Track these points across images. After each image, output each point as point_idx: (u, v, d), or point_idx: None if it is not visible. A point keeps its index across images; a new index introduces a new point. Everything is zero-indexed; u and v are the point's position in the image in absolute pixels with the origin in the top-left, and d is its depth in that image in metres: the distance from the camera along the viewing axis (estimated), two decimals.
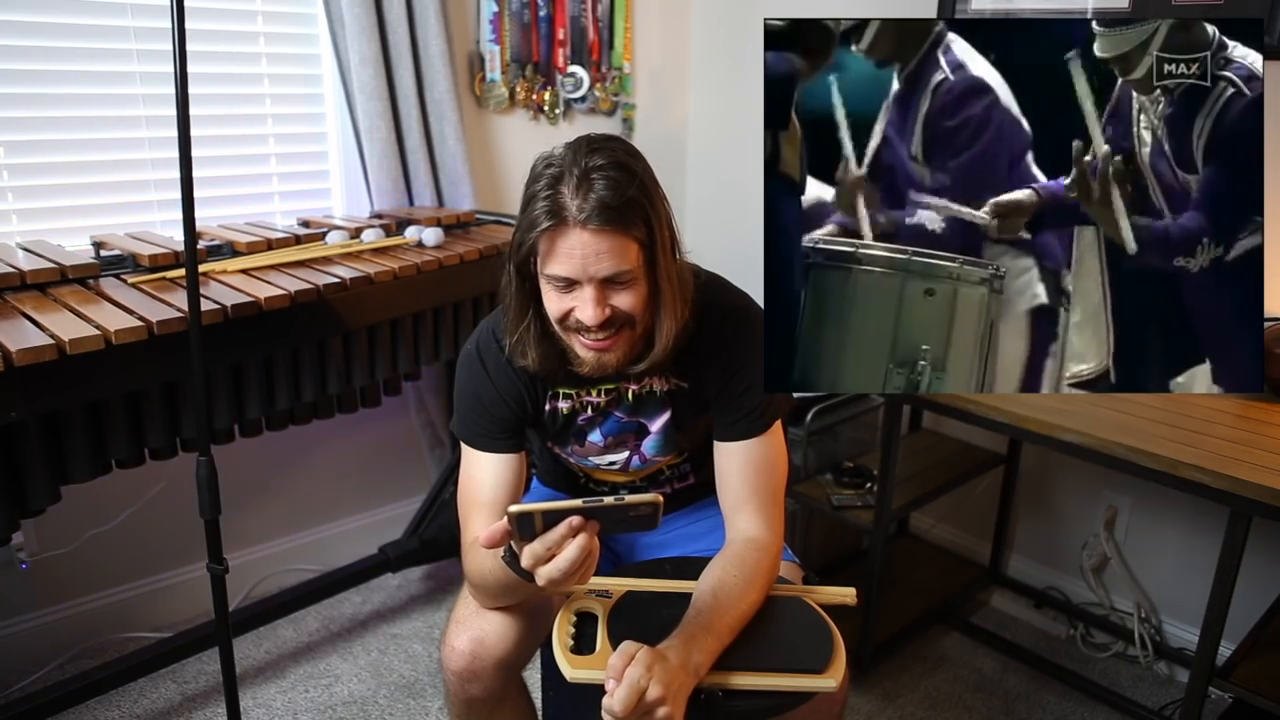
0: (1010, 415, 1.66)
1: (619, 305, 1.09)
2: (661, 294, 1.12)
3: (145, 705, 1.95)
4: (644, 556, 1.43)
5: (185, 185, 1.26)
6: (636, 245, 1.07)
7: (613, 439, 1.30)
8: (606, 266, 1.05)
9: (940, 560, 2.54)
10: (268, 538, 2.37)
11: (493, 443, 1.23)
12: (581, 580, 0.98)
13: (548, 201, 1.05)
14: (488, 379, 1.23)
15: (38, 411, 1.33)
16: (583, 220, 1.03)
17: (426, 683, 2.06)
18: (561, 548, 0.94)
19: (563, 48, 2.56)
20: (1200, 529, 2.08)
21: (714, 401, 1.24)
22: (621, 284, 1.08)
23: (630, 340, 1.14)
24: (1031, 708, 2.04)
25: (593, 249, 1.04)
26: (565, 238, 1.05)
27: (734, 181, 2.80)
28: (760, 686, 1.02)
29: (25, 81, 1.85)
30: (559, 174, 1.05)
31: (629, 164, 1.07)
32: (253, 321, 1.55)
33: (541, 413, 1.26)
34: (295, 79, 2.23)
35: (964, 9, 2.23)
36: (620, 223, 1.04)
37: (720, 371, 1.22)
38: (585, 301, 1.07)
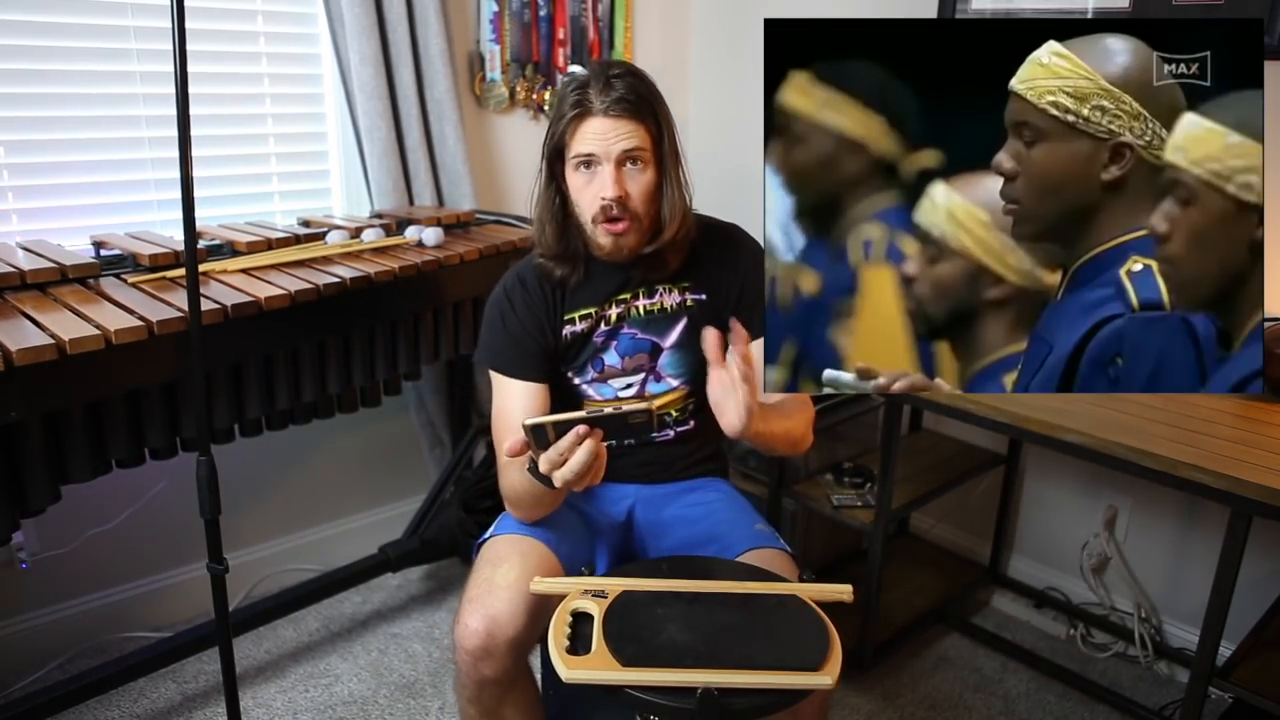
0: (1010, 415, 1.65)
1: (631, 190, 1.29)
2: (668, 185, 1.32)
3: (145, 705, 1.95)
4: (646, 537, 1.45)
5: (185, 185, 1.26)
6: (648, 133, 1.28)
7: (629, 360, 1.43)
8: (624, 144, 1.26)
9: (940, 560, 2.53)
10: (268, 538, 2.37)
11: (521, 370, 1.39)
12: (593, 480, 1.13)
13: (575, 97, 1.27)
14: (514, 313, 1.40)
15: (38, 411, 1.33)
16: (604, 109, 1.25)
17: (426, 683, 2.06)
18: (572, 452, 1.10)
19: (563, 47, 2.56)
20: (1200, 529, 2.08)
21: (730, 308, 1.40)
22: (635, 165, 1.28)
23: (640, 228, 1.33)
24: (1031, 708, 2.04)
25: (612, 131, 1.26)
26: (589, 123, 1.27)
27: (734, 181, 2.80)
28: (756, 685, 1.02)
29: (25, 81, 1.85)
30: (585, 80, 1.28)
31: (644, 76, 1.31)
32: (253, 321, 1.55)
33: (561, 339, 1.41)
34: (295, 79, 2.23)
35: (964, 9, 2.23)
36: (635, 112, 1.26)
37: (732, 279, 1.42)
38: (605, 177, 1.27)
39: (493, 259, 2.01)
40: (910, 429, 2.50)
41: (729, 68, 2.82)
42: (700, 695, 1.00)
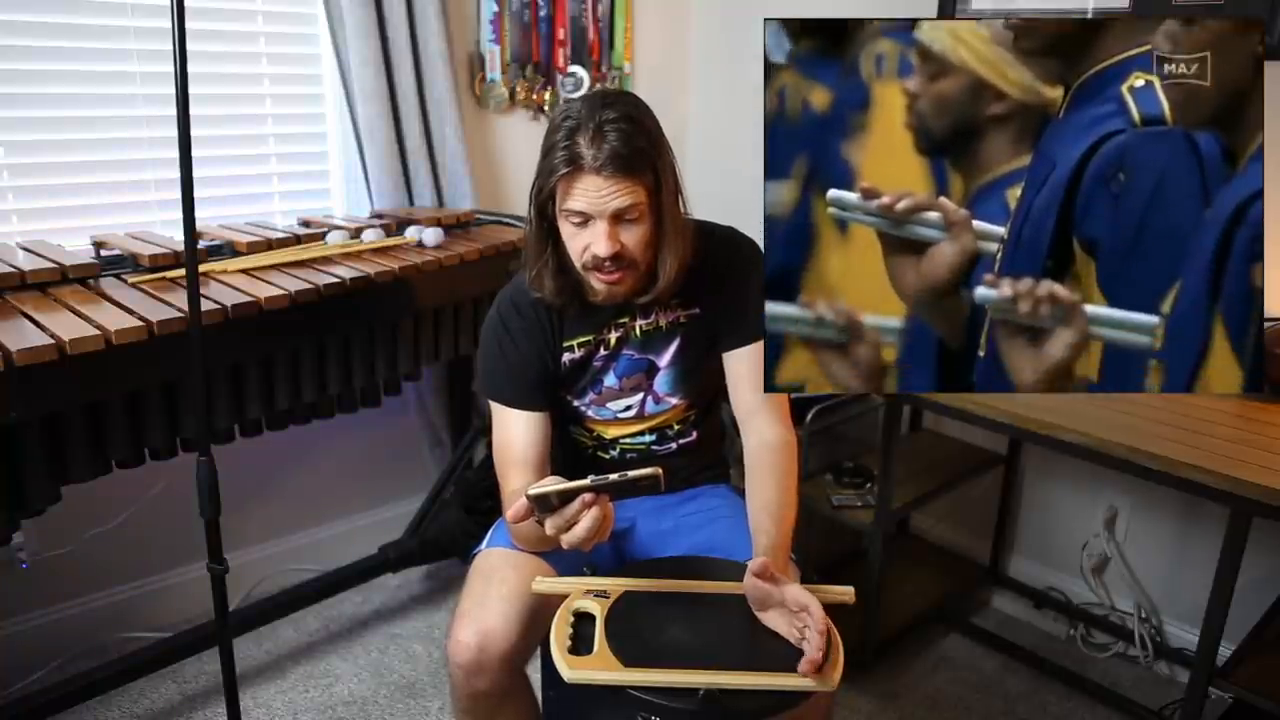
0: (1010, 415, 1.65)
1: (627, 242, 1.23)
2: (665, 233, 1.27)
3: (145, 705, 1.95)
4: (648, 547, 1.45)
5: (185, 185, 1.26)
6: (643, 188, 1.21)
7: (627, 380, 1.40)
8: (616, 204, 1.19)
9: (940, 560, 2.53)
10: (268, 538, 2.37)
11: (522, 399, 1.35)
12: (601, 538, 1.09)
13: (565, 150, 1.18)
14: (512, 342, 1.36)
15: (38, 411, 1.33)
16: (597, 167, 1.17)
17: (427, 683, 2.06)
18: (579, 518, 1.06)
19: (563, 48, 2.56)
20: (1200, 529, 2.08)
21: (721, 319, 1.38)
22: (629, 220, 1.22)
23: (636, 276, 1.29)
24: (1032, 708, 2.04)
25: (606, 190, 1.18)
26: (581, 181, 1.19)
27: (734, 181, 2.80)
28: (758, 686, 1.02)
29: (25, 81, 1.85)
30: (575, 125, 1.18)
31: (639, 117, 1.22)
32: (253, 322, 1.55)
33: (560, 365, 1.38)
34: (295, 79, 2.23)
35: (964, 9, 2.23)
36: (629, 169, 1.18)
37: (723, 291, 1.37)
38: (599, 235, 1.21)
39: (493, 259, 2.01)
40: (910, 429, 2.50)
41: (729, 68, 2.82)
42: (702, 696, 1.00)
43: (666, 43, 2.83)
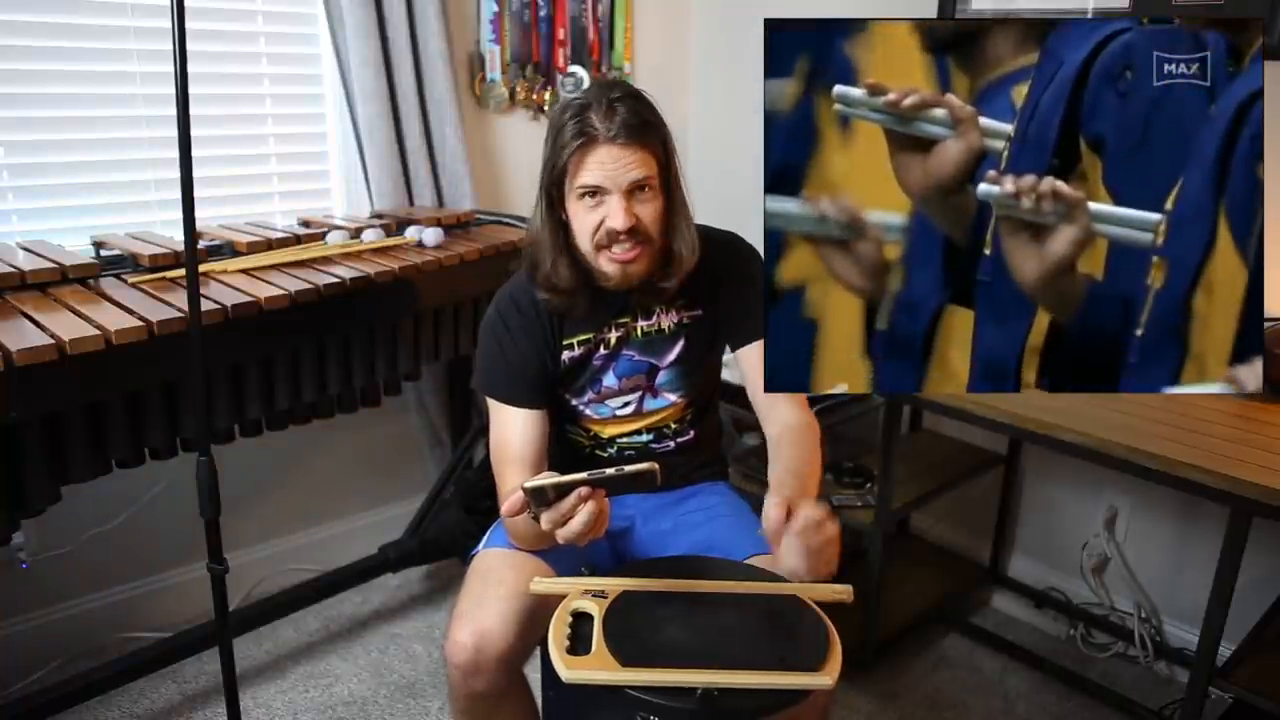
0: (1010, 415, 1.65)
1: (642, 215, 1.23)
2: (676, 212, 1.29)
3: (145, 705, 1.95)
4: (647, 547, 1.45)
5: (185, 185, 1.26)
6: (655, 160, 1.23)
7: (626, 380, 1.40)
8: (633, 175, 1.20)
9: (940, 560, 2.53)
10: (268, 538, 2.37)
11: (520, 397, 1.34)
12: (596, 534, 1.09)
13: (577, 125, 1.20)
14: (511, 340, 1.35)
15: (38, 411, 1.33)
16: (611, 136, 1.18)
17: (426, 683, 2.06)
18: (575, 513, 1.06)
19: (563, 48, 2.56)
20: (1200, 529, 2.08)
21: (727, 318, 1.39)
22: (643, 195, 1.23)
23: (651, 254, 1.28)
24: (1031, 708, 2.04)
25: (621, 160, 1.19)
26: (595, 152, 1.20)
27: (734, 181, 2.80)
28: (756, 685, 1.02)
29: (25, 81, 1.85)
30: (585, 104, 1.21)
31: (645, 97, 1.25)
32: (253, 322, 1.55)
33: (560, 362, 1.37)
34: (295, 79, 2.23)
35: (964, 9, 2.23)
36: (642, 138, 1.20)
37: (728, 291, 1.38)
38: (614, 208, 1.21)
39: (493, 259, 2.01)
40: (910, 429, 2.50)
41: (729, 68, 2.82)
42: (700, 695, 1.00)
43: (666, 43, 2.83)
